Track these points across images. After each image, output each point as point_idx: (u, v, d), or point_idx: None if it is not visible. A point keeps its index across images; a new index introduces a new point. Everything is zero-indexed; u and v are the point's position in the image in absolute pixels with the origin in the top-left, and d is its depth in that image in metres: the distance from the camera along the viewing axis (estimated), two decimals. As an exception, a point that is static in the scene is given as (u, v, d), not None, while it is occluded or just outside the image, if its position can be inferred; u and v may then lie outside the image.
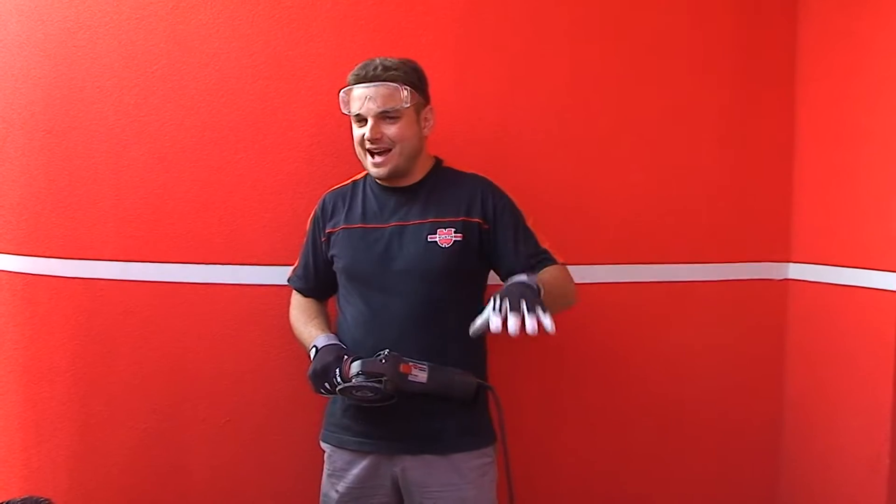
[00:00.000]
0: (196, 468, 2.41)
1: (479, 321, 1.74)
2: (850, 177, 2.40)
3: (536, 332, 1.63)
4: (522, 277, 1.80)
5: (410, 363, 1.87)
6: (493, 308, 1.68)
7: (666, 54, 2.49)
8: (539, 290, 1.76)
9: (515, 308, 1.65)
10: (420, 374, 1.88)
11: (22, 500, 2.22)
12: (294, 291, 2.19)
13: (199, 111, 2.36)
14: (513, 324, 1.63)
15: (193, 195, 2.37)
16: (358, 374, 1.85)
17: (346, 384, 1.85)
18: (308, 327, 2.07)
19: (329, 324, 2.10)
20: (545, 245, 2.04)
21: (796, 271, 2.57)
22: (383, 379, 1.83)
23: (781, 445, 2.61)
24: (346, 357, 1.89)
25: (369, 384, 1.83)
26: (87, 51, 2.41)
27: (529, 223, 2.05)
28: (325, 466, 2.08)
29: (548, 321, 1.64)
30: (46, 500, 2.25)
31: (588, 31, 2.45)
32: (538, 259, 2.01)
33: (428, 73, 2.06)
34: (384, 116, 1.94)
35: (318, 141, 2.34)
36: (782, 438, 2.61)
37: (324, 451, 2.09)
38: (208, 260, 2.36)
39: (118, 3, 2.38)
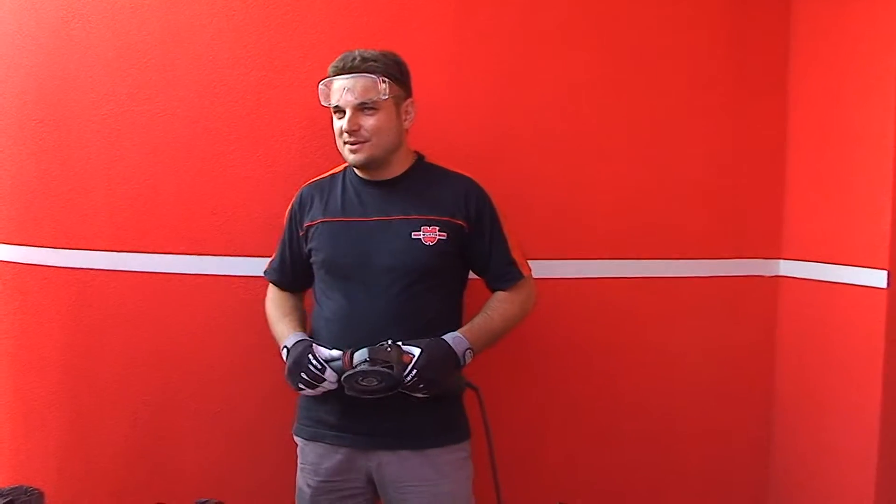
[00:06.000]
0: (185, 459, 2.41)
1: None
2: (841, 174, 2.40)
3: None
4: (458, 337, 1.91)
5: (410, 355, 1.85)
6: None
7: (658, 52, 2.49)
8: (461, 360, 1.90)
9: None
10: None
11: (11, 489, 2.23)
12: (270, 284, 2.16)
13: (192, 102, 2.35)
14: None
15: (185, 186, 2.37)
16: (364, 360, 1.83)
17: (353, 370, 1.83)
18: (281, 324, 2.05)
19: (304, 320, 2.08)
20: (515, 254, 2.03)
21: (787, 268, 2.57)
22: (391, 364, 1.82)
23: (771, 442, 2.62)
24: (344, 350, 1.87)
25: (377, 369, 1.81)
26: (80, 40, 2.41)
27: (506, 228, 2.03)
28: (299, 460, 2.06)
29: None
30: (36, 489, 2.25)
31: (582, 29, 2.45)
32: (504, 270, 2.03)
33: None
34: (362, 108, 1.92)
35: (311, 133, 2.34)
36: (772, 435, 2.62)
37: (296, 445, 2.08)
38: (200, 251, 2.36)
39: (112, -8, 2.38)
